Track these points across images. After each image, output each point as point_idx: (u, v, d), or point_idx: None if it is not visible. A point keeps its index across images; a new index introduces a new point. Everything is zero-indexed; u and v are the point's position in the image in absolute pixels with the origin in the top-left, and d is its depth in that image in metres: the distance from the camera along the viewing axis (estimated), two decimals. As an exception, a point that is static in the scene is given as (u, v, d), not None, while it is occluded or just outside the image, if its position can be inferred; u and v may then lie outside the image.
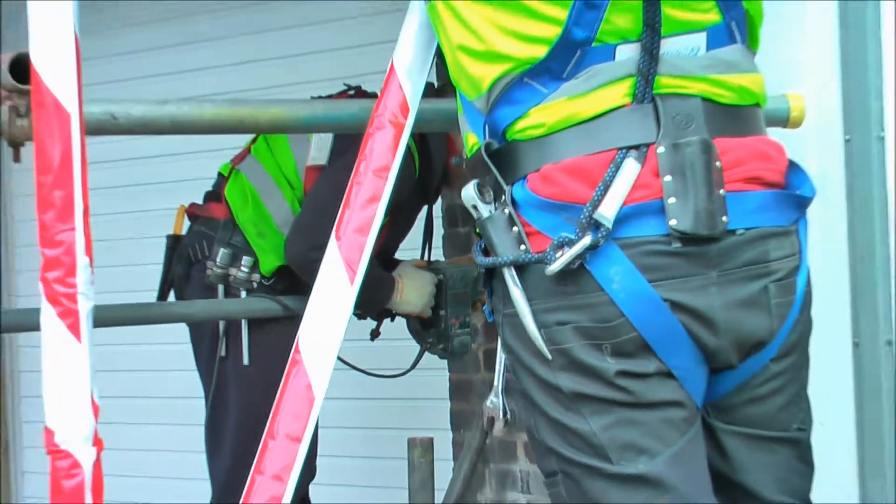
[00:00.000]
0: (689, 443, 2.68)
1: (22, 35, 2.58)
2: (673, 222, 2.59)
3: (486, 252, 2.74)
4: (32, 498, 7.06)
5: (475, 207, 2.75)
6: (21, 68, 2.65)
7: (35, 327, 2.54)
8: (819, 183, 2.90)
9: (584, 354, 2.63)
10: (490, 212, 2.73)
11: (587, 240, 2.56)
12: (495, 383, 2.85)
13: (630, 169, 2.60)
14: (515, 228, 2.67)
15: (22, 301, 6.79)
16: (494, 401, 2.91)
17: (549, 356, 2.66)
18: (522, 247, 2.66)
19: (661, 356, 2.64)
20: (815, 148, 3.60)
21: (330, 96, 4.69)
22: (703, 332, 2.65)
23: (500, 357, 3.87)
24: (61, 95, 2.54)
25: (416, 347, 5.03)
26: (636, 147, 2.62)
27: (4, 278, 7.17)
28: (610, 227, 2.58)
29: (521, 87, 2.70)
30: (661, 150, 2.62)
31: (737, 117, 2.76)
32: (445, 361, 5.33)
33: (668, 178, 2.61)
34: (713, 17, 2.75)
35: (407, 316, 4.89)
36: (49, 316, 2.51)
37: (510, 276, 2.68)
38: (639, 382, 2.63)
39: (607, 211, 2.57)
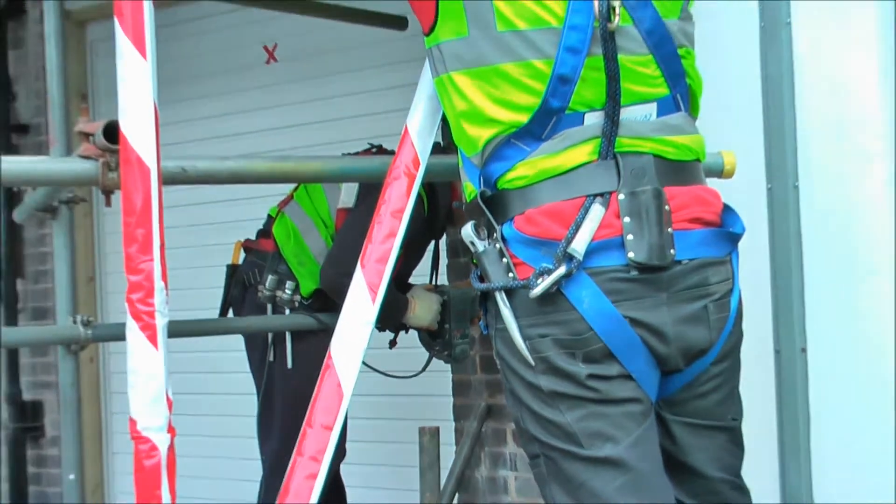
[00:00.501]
0: (646, 431, 2.70)
1: (113, 106, 2.63)
2: (631, 255, 2.64)
3: (482, 279, 2.76)
4: (122, 473, 7.07)
5: (472, 243, 2.77)
6: (112, 132, 2.70)
7: (122, 337, 2.58)
8: (747, 222, 2.93)
9: (560, 361, 2.66)
10: (484, 247, 2.74)
11: (562, 269, 2.61)
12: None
13: (596, 212, 2.64)
14: (505, 260, 2.70)
15: (112, 317, 6.76)
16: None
17: (532, 362, 2.68)
18: (510, 275, 2.68)
19: (623, 362, 2.66)
20: (745, 194, 3.59)
21: (357, 153, 4.77)
22: (655, 343, 2.68)
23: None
24: (143, 153, 2.58)
25: (426, 354, 5.05)
26: (601, 194, 2.65)
27: (98, 299, 7.19)
28: (581, 259, 2.61)
29: (509, 146, 2.72)
30: (621, 196, 2.66)
31: (681, 170, 2.79)
32: (449, 365, 5.34)
33: (627, 219, 2.65)
34: (662, 90, 2.78)
35: (418, 329, 4.91)
36: (133, 329, 2.56)
37: (501, 299, 2.70)
38: (605, 383, 2.66)
39: (578, 246, 2.61)
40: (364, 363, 2.91)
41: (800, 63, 3.89)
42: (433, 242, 5.03)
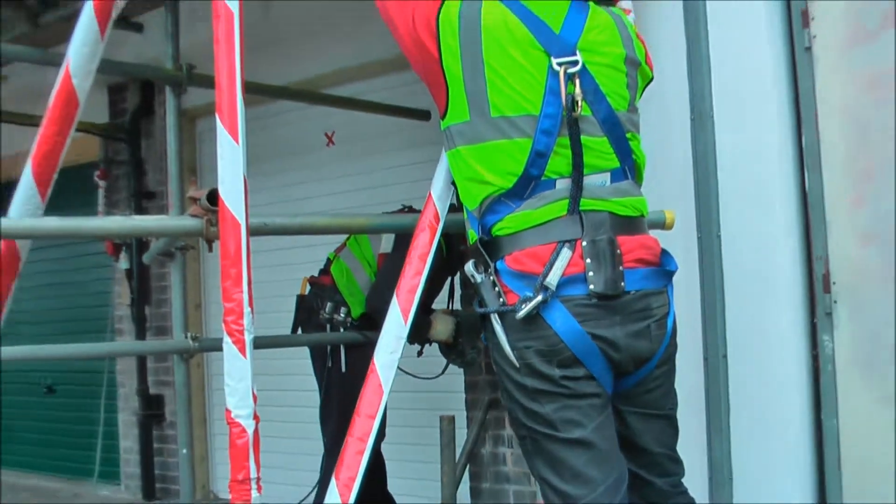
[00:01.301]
0: (606, 419, 2.72)
1: (214, 178, 2.62)
2: (592, 287, 2.65)
3: (480, 304, 2.77)
4: (220, 449, 7.09)
5: (473, 276, 2.79)
6: (213, 197, 2.71)
7: (219, 348, 2.57)
8: (682, 262, 2.95)
9: (540, 366, 2.67)
10: (482, 279, 2.76)
11: (540, 297, 2.63)
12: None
13: (565, 254, 2.66)
14: (497, 289, 2.72)
15: (213, 334, 6.74)
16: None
17: (519, 367, 2.69)
18: (501, 300, 2.70)
19: (587, 365, 2.67)
20: (681, 241, 3.59)
21: (393, 212, 4.77)
22: (611, 351, 2.69)
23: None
24: (236, 213, 2.58)
25: (444, 361, 5.07)
26: (569, 241, 2.67)
27: (203, 320, 7.22)
28: (554, 289, 2.63)
29: (500, 203, 2.75)
30: (584, 243, 2.67)
31: (630, 224, 2.79)
32: (462, 369, 5.32)
33: (588, 260, 2.66)
34: (614, 163, 2.78)
35: (438, 342, 4.92)
36: (228, 342, 2.55)
37: (494, 319, 2.72)
38: (574, 382, 2.67)
39: (552, 280, 2.63)
40: (399, 368, 2.90)
41: (721, 145, 3.89)
42: (450, 278, 5.00)
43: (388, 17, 2.95)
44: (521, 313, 2.64)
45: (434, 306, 4.94)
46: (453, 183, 2.95)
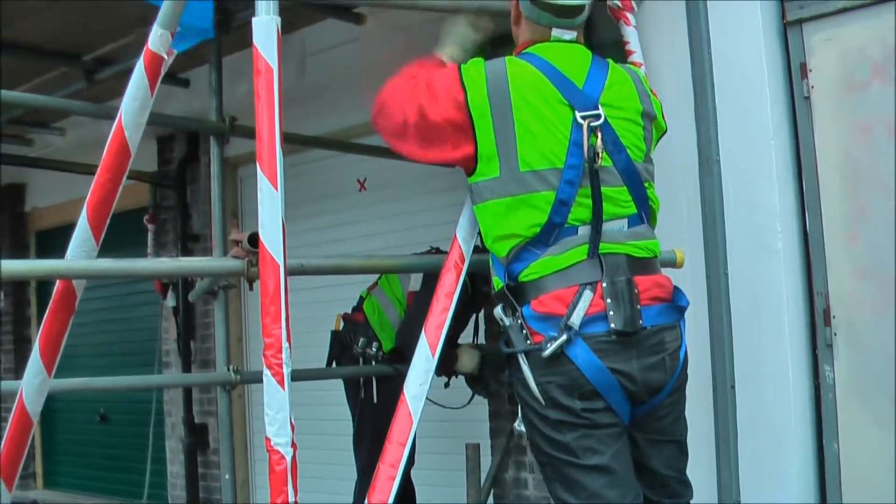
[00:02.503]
0: (621, 446, 2.72)
1: (255, 222, 2.61)
2: (612, 325, 2.66)
3: (507, 344, 2.76)
4: (261, 474, 7.04)
5: (501, 319, 2.79)
6: (254, 240, 2.72)
7: (260, 380, 2.55)
8: (693, 298, 2.96)
9: (563, 399, 2.67)
10: (510, 322, 2.76)
11: (564, 337, 2.64)
12: (518, 415, 2.86)
13: (587, 296, 2.67)
14: (524, 332, 2.72)
15: (253, 367, 6.70)
16: (518, 428, 2.89)
17: (543, 401, 2.69)
18: (528, 341, 2.70)
19: (606, 398, 2.67)
20: (691, 278, 3.59)
21: (421, 253, 4.75)
22: (628, 384, 2.69)
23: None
24: (275, 254, 2.57)
25: (470, 392, 5.05)
26: (590, 283, 2.68)
27: (245, 354, 7.22)
28: (577, 329, 2.64)
29: (526, 250, 2.76)
30: (604, 284, 2.68)
31: (645, 265, 2.80)
32: (486, 399, 5.30)
33: (608, 300, 2.68)
34: (631, 209, 2.80)
35: (465, 374, 4.90)
36: (267, 375, 2.53)
37: (521, 358, 2.72)
38: (593, 414, 2.67)
39: (575, 320, 2.64)
40: (427, 398, 2.88)
41: (727, 188, 3.89)
42: (474, 314, 4.98)
43: (393, 124, 2.95)
44: (548, 352, 2.64)
45: (460, 341, 4.91)
46: (479, 230, 2.95)
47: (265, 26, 2.62)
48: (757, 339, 3.85)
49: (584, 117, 2.73)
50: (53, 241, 8.84)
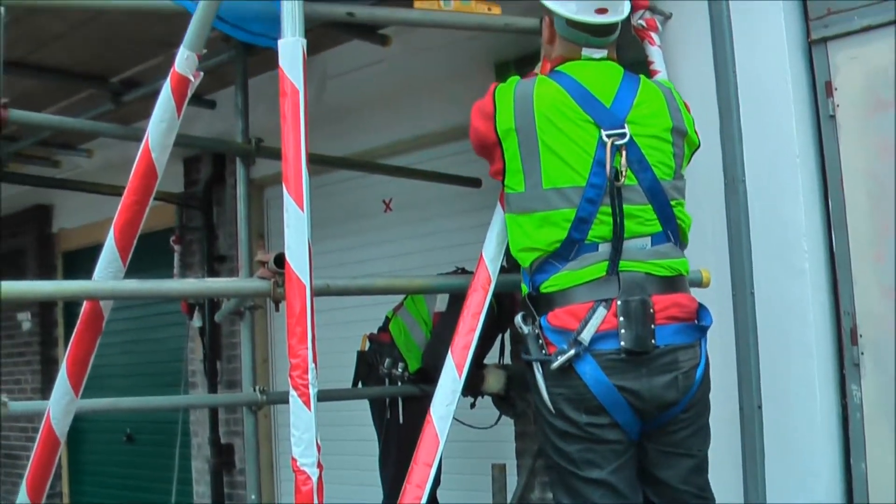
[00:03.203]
0: (624, 462, 2.78)
1: (281, 242, 2.64)
2: (623, 343, 2.72)
3: (525, 352, 2.84)
4: (287, 494, 7.01)
5: (520, 327, 2.87)
6: (280, 261, 2.73)
7: (286, 401, 2.58)
8: (718, 317, 2.98)
9: (569, 411, 2.74)
10: (529, 330, 2.83)
11: (571, 352, 2.71)
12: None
13: (601, 313, 2.72)
14: (540, 341, 2.79)
15: (279, 387, 6.73)
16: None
17: (553, 410, 2.77)
18: (543, 351, 2.77)
19: (612, 414, 2.73)
20: (717, 297, 3.56)
21: (447, 273, 4.75)
22: (635, 401, 2.74)
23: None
24: (301, 275, 2.60)
25: (496, 412, 5.04)
26: (605, 300, 2.73)
27: (271, 374, 7.23)
28: (587, 345, 2.70)
29: (547, 264, 2.82)
30: (619, 302, 2.73)
31: (666, 283, 2.83)
32: (513, 420, 5.28)
33: (621, 318, 2.73)
34: (656, 227, 2.83)
35: (491, 395, 4.89)
36: (294, 395, 2.56)
37: (536, 367, 2.79)
38: (597, 429, 2.74)
39: (585, 336, 2.71)
40: (454, 418, 2.89)
41: (753, 207, 3.87)
42: (500, 334, 4.97)
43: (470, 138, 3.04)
44: (556, 364, 2.71)
45: (486, 361, 4.91)
46: (506, 250, 3.00)
47: (291, 48, 2.65)
48: (784, 358, 3.83)
49: (608, 136, 2.76)
50: (80, 262, 8.89)
